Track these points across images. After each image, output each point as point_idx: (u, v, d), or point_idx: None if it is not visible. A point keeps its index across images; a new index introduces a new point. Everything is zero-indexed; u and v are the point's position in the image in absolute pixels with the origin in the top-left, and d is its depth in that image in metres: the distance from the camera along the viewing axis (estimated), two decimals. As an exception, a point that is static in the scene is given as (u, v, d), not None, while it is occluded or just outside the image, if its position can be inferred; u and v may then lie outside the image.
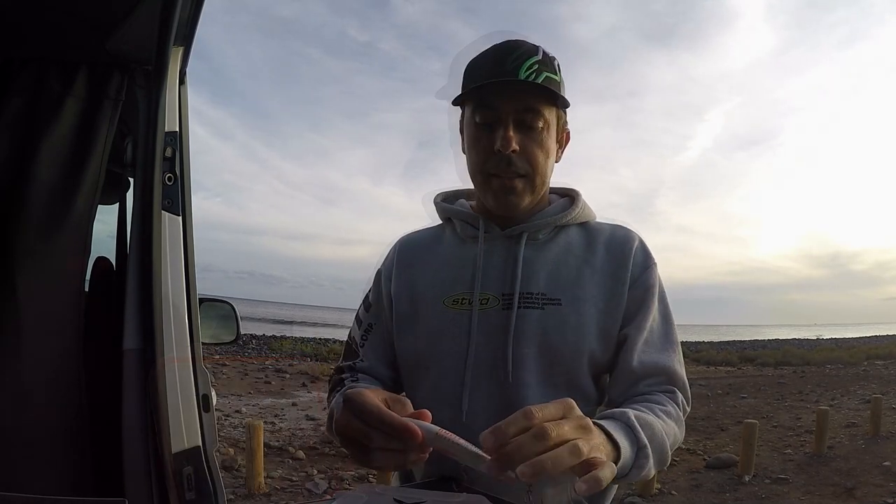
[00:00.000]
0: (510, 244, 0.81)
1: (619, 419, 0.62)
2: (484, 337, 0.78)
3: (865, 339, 27.37)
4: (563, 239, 0.83)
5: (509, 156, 0.74)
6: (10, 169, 0.98)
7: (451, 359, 0.79)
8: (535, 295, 0.78)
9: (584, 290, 0.78)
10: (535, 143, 0.76)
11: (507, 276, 0.80)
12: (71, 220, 1.01)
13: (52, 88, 1.02)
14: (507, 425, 0.47)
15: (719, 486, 4.04)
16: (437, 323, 0.81)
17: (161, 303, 1.04)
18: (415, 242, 0.92)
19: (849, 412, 6.80)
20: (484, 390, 0.78)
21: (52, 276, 0.99)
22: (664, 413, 0.70)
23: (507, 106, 0.74)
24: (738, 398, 8.23)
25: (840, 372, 12.01)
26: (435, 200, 0.92)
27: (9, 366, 0.94)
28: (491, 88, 0.74)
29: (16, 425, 0.95)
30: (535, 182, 0.78)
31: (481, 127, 0.77)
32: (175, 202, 1.08)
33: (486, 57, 0.77)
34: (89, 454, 1.02)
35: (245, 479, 3.82)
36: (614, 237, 0.83)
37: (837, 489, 3.93)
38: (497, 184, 0.77)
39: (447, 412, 0.78)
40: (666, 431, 0.67)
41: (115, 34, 0.99)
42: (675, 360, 0.78)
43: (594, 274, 0.80)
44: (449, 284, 0.82)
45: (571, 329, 0.76)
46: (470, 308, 0.79)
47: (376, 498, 0.55)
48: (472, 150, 0.79)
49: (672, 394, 0.76)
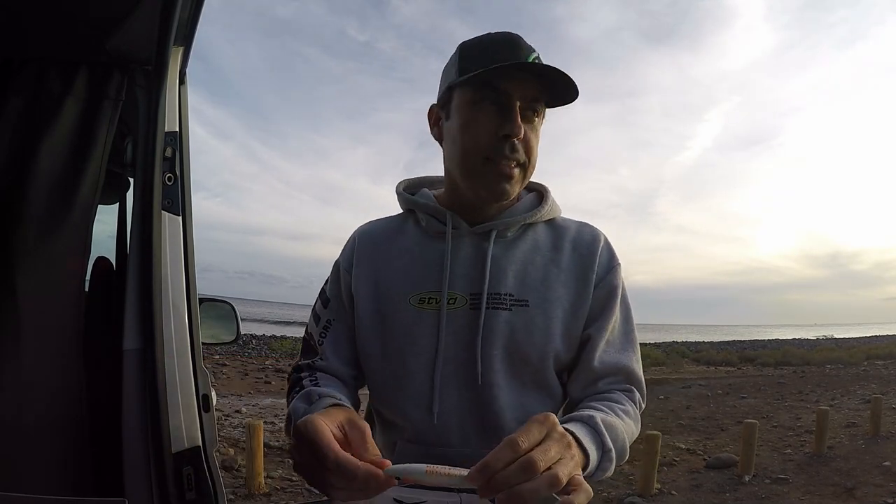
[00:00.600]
0: (478, 242, 0.80)
1: (587, 423, 0.65)
2: (452, 337, 0.77)
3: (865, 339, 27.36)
4: (531, 237, 0.82)
5: (514, 142, 0.73)
6: (10, 169, 0.98)
7: (420, 360, 0.78)
8: (503, 296, 0.77)
9: (552, 291, 0.79)
10: (534, 132, 0.76)
11: (475, 276, 0.78)
12: (71, 220, 1.01)
13: (52, 88, 1.02)
14: (494, 460, 0.48)
15: (719, 486, 4.04)
16: (405, 323, 0.79)
17: (161, 303, 1.04)
18: (375, 234, 0.88)
19: (849, 412, 6.80)
20: (454, 391, 0.77)
21: (52, 276, 0.99)
22: (623, 412, 0.73)
23: (517, 92, 0.73)
24: (738, 398, 8.23)
25: (840, 372, 12.01)
26: (397, 189, 0.88)
27: (9, 366, 0.94)
28: (505, 71, 0.71)
29: (16, 425, 0.95)
30: (528, 173, 0.78)
31: (487, 110, 0.73)
32: (175, 202, 1.08)
33: (495, 42, 0.75)
34: (89, 454, 1.02)
35: (245, 479, 3.81)
36: (581, 236, 0.83)
37: (837, 489, 3.93)
38: (494, 170, 0.74)
39: (417, 413, 0.77)
40: (626, 431, 0.71)
41: (115, 34, 0.99)
42: (634, 359, 0.81)
43: (560, 274, 0.80)
44: (415, 282, 0.80)
45: (539, 330, 0.77)
46: (438, 308, 0.77)
47: (376, 497, 0.55)
48: (470, 134, 0.75)
49: (630, 392, 0.79)
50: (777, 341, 27.74)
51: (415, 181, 0.91)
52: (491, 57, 0.72)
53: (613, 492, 3.90)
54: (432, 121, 0.84)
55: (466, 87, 0.75)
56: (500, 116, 0.73)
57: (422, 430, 0.78)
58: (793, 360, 14.68)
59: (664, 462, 4.48)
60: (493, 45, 0.74)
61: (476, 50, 0.75)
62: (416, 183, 0.91)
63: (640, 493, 3.82)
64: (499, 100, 0.73)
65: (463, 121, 0.76)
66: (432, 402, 0.77)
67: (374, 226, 0.90)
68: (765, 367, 13.90)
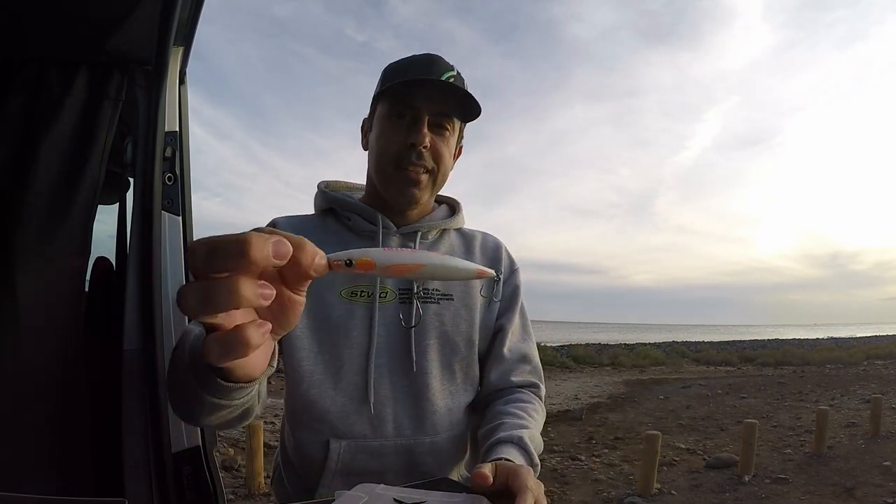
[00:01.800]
0: (404, 242, 0.87)
1: (517, 444, 0.73)
2: (385, 329, 0.82)
3: (865, 339, 27.35)
4: (447, 241, 0.91)
5: (421, 150, 0.80)
6: (11, 169, 0.98)
7: (354, 352, 0.81)
8: (430, 290, 0.85)
9: (471, 287, 0.89)
10: (443, 143, 0.83)
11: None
12: (71, 220, 1.00)
13: (52, 88, 1.01)
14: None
15: (719, 486, 4.04)
16: (335, 315, 0.81)
17: (161, 303, 1.04)
18: (298, 228, 0.86)
19: (849, 412, 6.80)
20: (387, 380, 0.82)
21: (52, 276, 0.99)
22: (535, 412, 0.83)
23: (426, 106, 0.80)
24: (737, 398, 8.23)
25: (840, 372, 12.01)
26: (321, 188, 0.92)
27: (9, 366, 0.94)
28: (415, 86, 0.80)
29: (16, 425, 0.95)
30: (437, 179, 0.84)
31: (398, 122, 0.81)
32: (175, 202, 1.08)
33: (410, 62, 0.83)
34: (89, 454, 1.02)
35: (245, 479, 3.81)
36: (486, 243, 0.95)
37: (837, 489, 3.93)
38: (403, 176, 0.81)
39: (351, 405, 0.80)
40: (538, 429, 0.81)
41: (115, 34, 0.99)
42: (533, 346, 0.94)
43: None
44: (344, 276, 0.81)
45: (464, 321, 0.86)
46: (369, 300, 0.82)
47: (376, 498, 0.55)
48: (383, 143, 0.82)
49: (536, 388, 0.90)
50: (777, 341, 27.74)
51: (333, 184, 0.96)
52: (405, 74, 0.81)
53: (613, 492, 3.90)
54: (363, 132, 0.90)
55: (385, 102, 0.83)
56: (408, 128, 0.81)
57: (356, 423, 0.80)
58: (792, 359, 14.68)
59: (664, 462, 4.48)
60: (412, 65, 0.82)
61: (397, 68, 0.84)
62: (334, 185, 0.96)
63: (640, 493, 3.81)
64: (409, 113, 0.81)
65: (379, 130, 0.84)
66: (367, 392, 0.80)
67: (293, 220, 0.89)
68: (765, 366, 13.90)
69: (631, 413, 6.95)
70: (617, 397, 8.26)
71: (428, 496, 0.56)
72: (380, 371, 0.81)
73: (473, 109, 0.84)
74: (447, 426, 0.84)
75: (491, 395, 0.89)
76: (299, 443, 0.83)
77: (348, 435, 0.80)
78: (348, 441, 0.79)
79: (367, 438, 0.80)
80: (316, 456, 0.80)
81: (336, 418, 0.80)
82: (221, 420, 0.55)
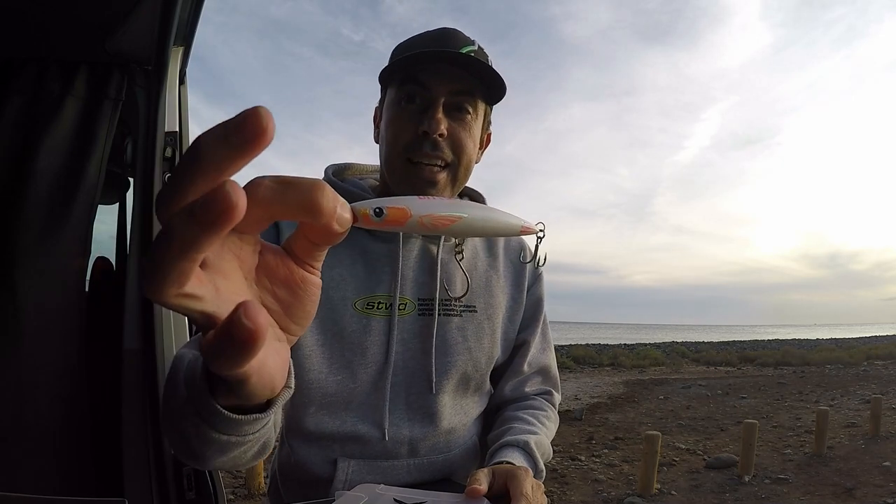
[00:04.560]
0: (425, 244, 0.76)
1: (522, 448, 0.70)
2: (402, 346, 0.73)
3: (865, 339, 27.34)
4: (470, 243, 0.80)
5: (436, 139, 0.67)
6: (11, 169, 0.98)
7: (370, 371, 0.71)
8: (453, 301, 0.75)
9: (494, 297, 0.80)
10: (464, 129, 0.69)
11: (424, 280, 0.74)
12: (71, 220, 1.01)
13: (52, 88, 1.01)
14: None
15: (719, 486, 4.04)
16: (349, 329, 0.71)
17: (161, 303, 1.04)
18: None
19: (849, 412, 6.79)
20: (403, 401, 0.74)
21: (52, 276, 0.99)
22: (546, 419, 0.79)
23: (441, 86, 0.67)
24: (737, 398, 8.22)
25: (840, 372, 12.01)
26: (328, 175, 0.79)
27: (9, 366, 0.94)
28: (426, 63, 0.66)
29: (16, 425, 0.95)
30: (459, 174, 0.71)
31: (408, 107, 0.68)
32: (175, 202, 1.08)
33: (422, 37, 0.70)
34: (89, 454, 1.02)
35: (245, 479, 3.81)
36: (509, 244, 0.85)
37: (837, 489, 3.93)
38: (417, 173, 0.68)
39: (364, 427, 0.72)
40: (548, 436, 0.78)
41: (115, 34, 0.99)
42: (552, 355, 0.87)
43: (500, 280, 0.81)
44: (358, 285, 0.72)
45: (487, 336, 0.78)
46: (388, 314, 0.72)
47: (376, 498, 0.55)
48: (392, 133, 0.69)
49: (549, 395, 0.85)
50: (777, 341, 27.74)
51: (341, 167, 0.83)
52: (416, 51, 0.67)
53: (613, 492, 3.90)
54: (375, 122, 0.78)
55: (393, 85, 0.70)
56: (420, 113, 0.67)
57: (368, 445, 0.73)
58: (792, 360, 14.67)
59: (664, 462, 4.48)
60: (423, 40, 0.69)
61: (406, 46, 0.70)
62: (342, 168, 0.83)
63: (640, 493, 3.81)
64: (420, 94, 0.67)
65: (388, 118, 0.70)
66: (383, 416, 0.72)
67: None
68: (764, 367, 13.89)
69: (631, 413, 6.94)
70: (617, 397, 8.26)
71: (428, 496, 0.56)
72: (395, 391, 0.73)
73: (500, 89, 0.70)
74: (460, 442, 0.79)
75: (503, 404, 0.84)
76: (303, 460, 0.74)
77: (358, 455, 0.73)
78: (357, 461, 0.72)
79: (379, 459, 0.73)
80: (322, 474, 0.73)
81: (346, 439, 0.73)
82: (236, 461, 0.44)
